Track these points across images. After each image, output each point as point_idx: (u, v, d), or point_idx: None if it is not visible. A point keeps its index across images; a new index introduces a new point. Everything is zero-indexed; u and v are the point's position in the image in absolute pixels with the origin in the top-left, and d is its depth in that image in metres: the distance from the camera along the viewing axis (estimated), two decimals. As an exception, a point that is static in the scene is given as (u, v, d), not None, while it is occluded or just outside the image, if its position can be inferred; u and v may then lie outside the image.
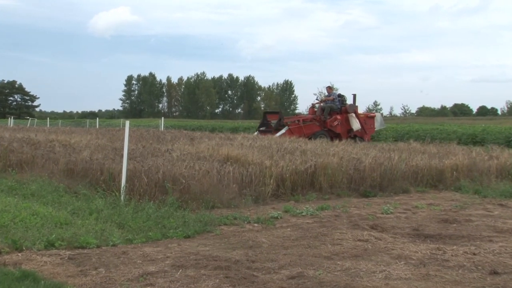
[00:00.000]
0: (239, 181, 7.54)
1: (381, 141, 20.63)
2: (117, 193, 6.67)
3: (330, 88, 19.82)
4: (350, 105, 19.17)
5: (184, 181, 6.95)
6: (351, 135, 18.79)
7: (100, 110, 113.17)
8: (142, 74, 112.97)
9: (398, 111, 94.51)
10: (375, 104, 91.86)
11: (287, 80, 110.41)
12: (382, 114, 21.52)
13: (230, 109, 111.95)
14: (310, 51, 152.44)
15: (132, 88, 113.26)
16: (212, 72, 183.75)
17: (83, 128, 26.74)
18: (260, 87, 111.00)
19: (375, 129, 20.32)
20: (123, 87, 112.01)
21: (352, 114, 18.86)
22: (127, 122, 7.34)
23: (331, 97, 19.19)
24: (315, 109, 19.62)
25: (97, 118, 40.30)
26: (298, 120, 18.69)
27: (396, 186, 8.87)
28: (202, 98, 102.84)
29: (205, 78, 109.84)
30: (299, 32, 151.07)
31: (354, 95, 20.08)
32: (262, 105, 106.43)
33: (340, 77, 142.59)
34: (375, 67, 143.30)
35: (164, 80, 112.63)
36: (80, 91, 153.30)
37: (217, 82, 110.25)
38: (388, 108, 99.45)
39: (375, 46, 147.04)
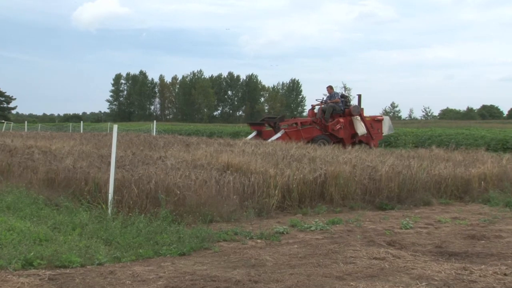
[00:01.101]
0: (240, 192, 7.54)
1: (399, 147, 20.63)
2: (103, 206, 6.67)
3: (331, 88, 19.80)
4: (355, 106, 19.15)
5: (179, 192, 6.95)
6: (355, 140, 18.79)
7: (84, 113, 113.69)
8: (132, 73, 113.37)
9: (418, 114, 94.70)
10: (393, 105, 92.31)
11: (294, 79, 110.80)
12: (390, 116, 21.52)
13: (230, 111, 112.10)
14: (320, 47, 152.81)
15: (121, 88, 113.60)
16: (210, 70, 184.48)
17: (65, 133, 26.83)
18: (263, 87, 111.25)
19: (383, 134, 20.31)
20: (111, 87, 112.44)
21: (357, 116, 18.86)
22: (115, 126, 7.37)
23: (336, 99, 19.17)
24: (315, 111, 19.65)
25: (81, 122, 40.43)
26: (296, 123, 18.70)
27: (416, 198, 8.85)
28: (199, 99, 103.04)
29: (203, 77, 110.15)
30: (308, 26, 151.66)
31: (359, 96, 20.12)
32: (266, 107, 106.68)
33: (354, 76, 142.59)
34: (393, 64, 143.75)
35: (156, 79, 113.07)
36: (62, 92, 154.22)
37: (216, 81, 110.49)
38: (407, 110, 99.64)
39: (393, 41, 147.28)
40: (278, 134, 17.41)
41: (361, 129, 18.77)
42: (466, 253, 5.41)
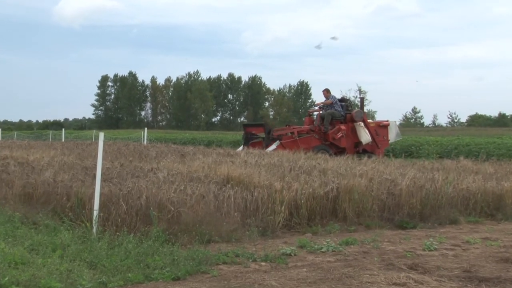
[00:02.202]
0: (242, 209, 7.54)
1: (422, 158, 20.61)
2: (87, 224, 6.68)
3: (327, 91, 19.86)
4: (357, 111, 19.19)
5: (172, 209, 6.95)
6: (359, 149, 18.78)
7: (66, 119, 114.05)
8: (120, 74, 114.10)
9: (443, 120, 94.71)
10: (414, 111, 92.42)
11: (303, 81, 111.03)
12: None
13: (231, 117, 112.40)
14: (332, 45, 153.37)
15: (108, 91, 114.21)
16: (208, 71, 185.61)
17: (44, 142, 26.92)
18: (268, 89, 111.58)
19: (390, 142, 20.32)
20: (96, 90, 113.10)
21: (360, 123, 18.90)
22: (101, 134, 7.38)
23: (328, 101, 19.21)
24: (313, 118, 19.70)
25: (63, 129, 40.56)
26: (292, 132, 18.73)
27: (441, 215, 8.83)
28: (195, 104, 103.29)
29: (200, 78, 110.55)
30: (319, 22, 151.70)
31: (362, 99, 20.23)
32: (271, 112, 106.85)
33: (370, 78, 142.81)
34: (415, 64, 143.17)
35: (147, 81, 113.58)
36: (41, 95, 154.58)
37: (215, 83, 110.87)
38: (431, 116, 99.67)
39: (414, 39, 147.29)
40: (273, 146, 17.41)
41: (365, 136, 18.78)
42: (498, 279, 5.39)
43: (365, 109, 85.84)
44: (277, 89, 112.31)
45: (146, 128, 31.53)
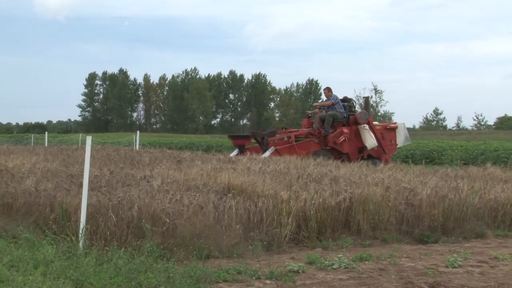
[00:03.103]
0: (245, 221, 7.55)
1: (444, 165, 20.58)
2: (73, 238, 6.68)
3: (328, 90, 19.89)
4: (361, 112, 19.18)
5: (168, 221, 6.96)
6: (363, 155, 18.73)
7: (50, 122, 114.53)
8: (110, 71, 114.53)
9: (468, 123, 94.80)
10: (436, 112, 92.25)
11: (312, 80, 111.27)
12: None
13: (232, 119, 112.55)
14: (346, 40, 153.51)
15: (96, 91, 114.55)
16: (207, 69, 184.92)
17: (26, 147, 26.95)
18: (274, 89, 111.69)
19: (398, 146, 20.30)
20: (83, 89, 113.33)
21: (365, 125, 18.88)
22: (89, 138, 7.39)
23: (328, 101, 19.20)
24: (312, 120, 19.70)
25: (46, 133, 40.53)
26: (289, 137, 18.73)
27: (466, 229, 8.82)
28: (193, 105, 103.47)
29: (198, 76, 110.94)
30: (331, 13, 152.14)
31: (366, 99, 20.19)
32: (277, 114, 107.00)
33: (388, 75, 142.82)
34: (438, 61, 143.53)
35: (140, 80, 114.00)
36: (22, 95, 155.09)
37: (214, 82, 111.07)
38: (455, 119, 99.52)
39: (437, 32, 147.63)
40: (267, 152, 17.38)
41: (370, 140, 18.74)
42: (529, 298, 5.37)
43: (381, 110, 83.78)
44: (283, 88, 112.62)
45: (138, 132, 31.53)
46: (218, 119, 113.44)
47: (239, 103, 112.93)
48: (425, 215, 8.69)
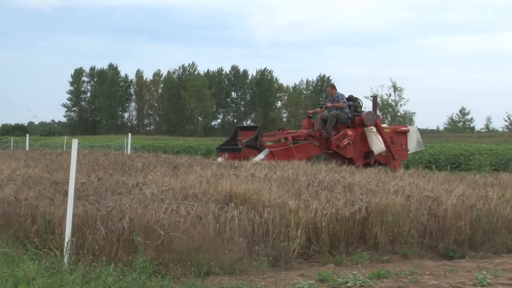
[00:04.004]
0: (249, 233, 7.55)
1: (472, 170, 20.55)
2: (57, 252, 6.69)
3: (332, 87, 19.90)
4: (368, 113, 19.13)
5: (163, 233, 6.96)
6: (370, 161, 18.65)
7: (31, 123, 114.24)
8: (98, 67, 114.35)
9: (499, 124, 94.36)
10: (462, 112, 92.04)
11: (324, 76, 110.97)
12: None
13: (235, 120, 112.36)
14: (361, 32, 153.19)
15: (83, 88, 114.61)
16: (206, 64, 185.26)
17: (4, 151, 27.02)
18: (281, 86, 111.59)
19: (409, 152, 20.25)
20: (68, 87, 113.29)
21: (372, 127, 18.82)
22: (75, 141, 7.41)
23: (340, 103, 19.09)
24: (313, 121, 19.70)
25: (27, 135, 40.60)
26: (286, 138, 18.66)
27: (496, 242, 8.80)
28: (191, 104, 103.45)
29: (196, 72, 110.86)
30: (343, 2, 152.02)
31: (374, 98, 20.16)
32: (285, 114, 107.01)
33: (407, 71, 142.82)
34: (464, 55, 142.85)
35: (132, 76, 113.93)
36: (0, 93, 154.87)
37: (215, 78, 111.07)
38: (484, 119, 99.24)
39: (463, 23, 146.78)
40: (261, 155, 17.32)
41: (377, 145, 18.69)
42: None
43: (401, 110, 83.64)
44: (291, 85, 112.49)
45: (130, 134, 31.58)
46: (219, 120, 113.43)
47: (242, 102, 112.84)
48: (450, 227, 8.67)
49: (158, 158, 17.98)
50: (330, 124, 18.51)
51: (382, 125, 19.85)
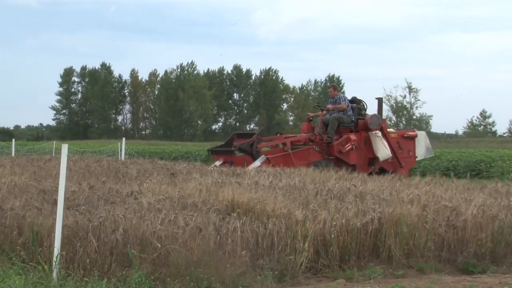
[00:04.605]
0: (252, 246, 7.56)
1: (494, 178, 20.51)
2: (45, 266, 6.70)
3: (334, 88, 20.00)
4: (373, 116, 19.08)
5: (159, 246, 6.98)
6: (374, 168, 18.58)
7: (18, 127, 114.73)
8: (90, 66, 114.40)
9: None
10: (483, 115, 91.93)
11: (333, 76, 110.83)
12: (426, 132, 21.41)
13: (237, 124, 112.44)
14: (373, 29, 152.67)
15: (73, 89, 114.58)
16: (207, 63, 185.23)
17: (-11, 157, 27.05)
18: (287, 87, 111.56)
19: (417, 159, 20.25)
20: (57, 88, 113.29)
21: (377, 132, 18.76)
22: (65, 147, 7.42)
23: (342, 105, 19.05)
24: (313, 124, 19.70)
25: (13, 140, 40.68)
26: (284, 143, 18.65)
27: (520, 256, 8.79)
28: (189, 106, 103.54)
29: (195, 72, 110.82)
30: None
31: (380, 100, 20.02)
32: (291, 117, 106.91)
33: (424, 71, 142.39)
34: (485, 53, 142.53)
35: (126, 76, 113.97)
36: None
37: (215, 79, 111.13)
38: (507, 122, 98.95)
39: (484, 19, 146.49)
40: (257, 162, 17.27)
41: (383, 150, 18.63)
42: None
43: (417, 113, 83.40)
44: (298, 86, 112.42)
45: (124, 139, 31.58)
46: (220, 124, 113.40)
47: (245, 104, 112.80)
48: (470, 240, 8.66)
49: (154, 164, 17.98)
50: (332, 128, 18.49)
51: (388, 129, 19.79)
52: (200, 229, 7.39)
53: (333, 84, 19.60)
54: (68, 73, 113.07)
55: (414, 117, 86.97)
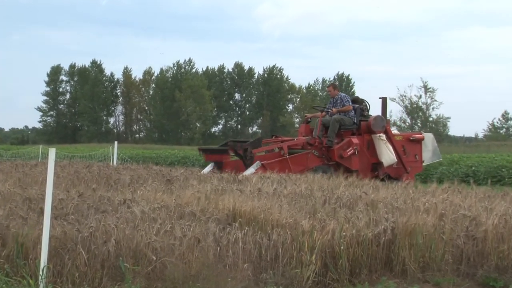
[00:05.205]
0: (255, 258, 7.56)
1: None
2: (31, 281, 6.69)
3: (334, 87, 19.92)
4: (377, 117, 18.99)
5: (154, 258, 6.98)
6: (378, 174, 18.50)
7: (1, 129, 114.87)
8: (80, 64, 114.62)
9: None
10: (505, 117, 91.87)
11: (343, 74, 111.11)
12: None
13: (238, 126, 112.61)
14: (386, 23, 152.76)
15: (61, 89, 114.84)
16: (206, 60, 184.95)
17: (-30, 163, 27.08)
18: (292, 86, 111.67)
19: (424, 164, 20.27)
20: (44, 88, 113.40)
21: (381, 134, 18.68)
22: (52, 151, 7.43)
23: (347, 106, 18.97)
24: (311, 126, 19.67)
25: (-3, 144, 40.90)
26: (280, 148, 18.57)
27: (545, 269, 8.78)
28: (187, 107, 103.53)
29: (193, 70, 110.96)
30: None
31: (384, 100, 19.90)
32: (296, 119, 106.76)
33: (441, 69, 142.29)
34: (508, 50, 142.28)
35: (118, 75, 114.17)
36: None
37: (215, 77, 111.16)
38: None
39: (509, 12, 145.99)
40: (251, 169, 17.23)
41: (387, 155, 18.55)
42: None
43: (433, 114, 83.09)
44: (305, 85, 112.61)
45: (116, 142, 31.48)
46: (220, 126, 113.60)
47: (247, 105, 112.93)
48: (491, 252, 8.64)
49: (149, 170, 18.00)
50: (333, 131, 18.42)
51: (393, 131, 19.75)
52: (199, 240, 7.39)
53: (333, 82, 19.51)
54: (55, 72, 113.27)
55: (430, 119, 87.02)
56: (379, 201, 10.47)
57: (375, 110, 20.22)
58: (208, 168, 18.43)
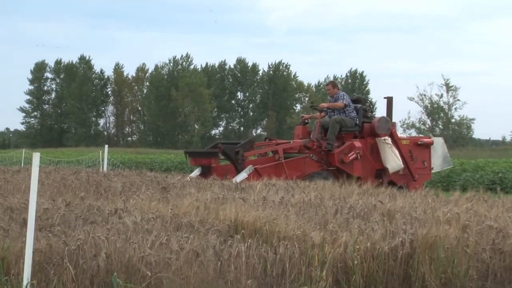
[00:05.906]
0: (259, 274, 7.57)
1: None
2: (14, 298, 6.72)
3: (333, 85, 19.89)
4: (381, 119, 18.87)
5: (149, 273, 6.98)
6: (383, 180, 18.40)
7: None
8: (66, 60, 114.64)
9: None
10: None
11: (355, 71, 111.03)
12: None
13: (241, 128, 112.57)
14: (404, 14, 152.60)
15: (46, 88, 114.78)
16: (205, 56, 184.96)
17: None
18: (300, 84, 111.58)
19: (433, 171, 20.23)
20: (27, 86, 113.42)
21: (386, 138, 18.58)
22: (36, 156, 7.44)
23: (339, 103, 18.85)
24: (309, 128, 19.64)
25: (-25, 148, 41.02)
26: (275, 151, 18.55)
27: None
28: (184, 107, 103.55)
29: (191, 67, 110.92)
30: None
31: (389, 99, 19.81)
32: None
33: (465, 65, 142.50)
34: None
35: (109, 72, 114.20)
36: None
37: (215, 75, 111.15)
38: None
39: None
40: (243, 174, 17.15)
41: (393, 160, 18.40)
42: None
43: (456, 115, 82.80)
44: (314, 83, 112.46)
45: (106, 146, 31.49)
46: (221, 128, 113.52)
47: (251, 105, 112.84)
48: (520, 267, 8.66)
49: (142, 177, 18.02)
50: (333, 133, 18.29)
51: (399, 135, 19.71)
52: (197, 253, 7.39)
53: (332, 80, 19.48)
54: (40, 68, 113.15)
55: (453, 120, 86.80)
56: (396, 211, 10.46)
57: (380, 111, 20.24)
58: (195, 173, 18.38)
